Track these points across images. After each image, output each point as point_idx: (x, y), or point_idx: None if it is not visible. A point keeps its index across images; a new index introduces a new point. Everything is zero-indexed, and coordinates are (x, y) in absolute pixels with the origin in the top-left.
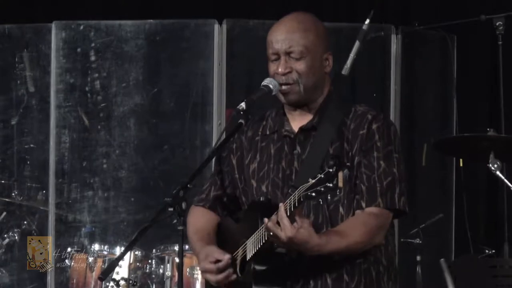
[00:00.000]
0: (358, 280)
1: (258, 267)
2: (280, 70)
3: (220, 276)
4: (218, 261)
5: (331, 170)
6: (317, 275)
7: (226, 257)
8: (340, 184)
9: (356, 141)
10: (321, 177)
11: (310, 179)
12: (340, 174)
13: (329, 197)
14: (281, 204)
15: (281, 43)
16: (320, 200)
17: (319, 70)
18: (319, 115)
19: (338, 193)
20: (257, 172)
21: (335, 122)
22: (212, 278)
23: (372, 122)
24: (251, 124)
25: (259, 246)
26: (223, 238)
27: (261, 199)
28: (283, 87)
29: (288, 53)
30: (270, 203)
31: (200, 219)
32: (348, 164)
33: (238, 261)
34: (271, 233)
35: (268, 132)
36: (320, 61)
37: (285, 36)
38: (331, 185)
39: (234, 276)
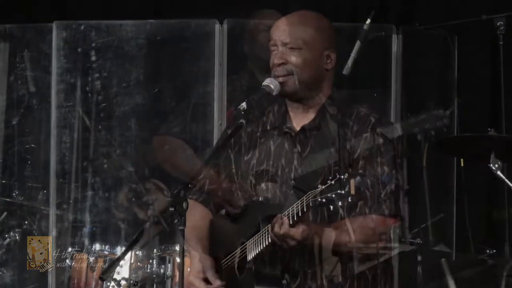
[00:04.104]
0: (351, 282)
1: (258, 268)
2: (275, 61)
3: None
4: (207, 281)
5: (342, 177)
6: (314, 275)
7: (217, 283)
8: (352, 191)
9: (359, 144)
10: (331, 183)
11: (319, 185)
12: (352, 182)
13: (339, 204)
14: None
15: (279, 33)
16: (330, 206)
17: (317, 66)
18: (321, 115)
19: (349, 200)
20: (255, 168)
21: (337, 123)
22: None
23: (375, 126)
24: (250, 119)
25: (262, 248)
26: (218, 237)
27: (260, 199)
28: (280, 78)
29: (285, 44)
30: (269, 203)
31: (195, 214)
32: (360, 171)
33: (236, 261)
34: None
35: (268, 128)
36: (320, 57)
37: (284, 27)
38: (343, 192)
39: None
